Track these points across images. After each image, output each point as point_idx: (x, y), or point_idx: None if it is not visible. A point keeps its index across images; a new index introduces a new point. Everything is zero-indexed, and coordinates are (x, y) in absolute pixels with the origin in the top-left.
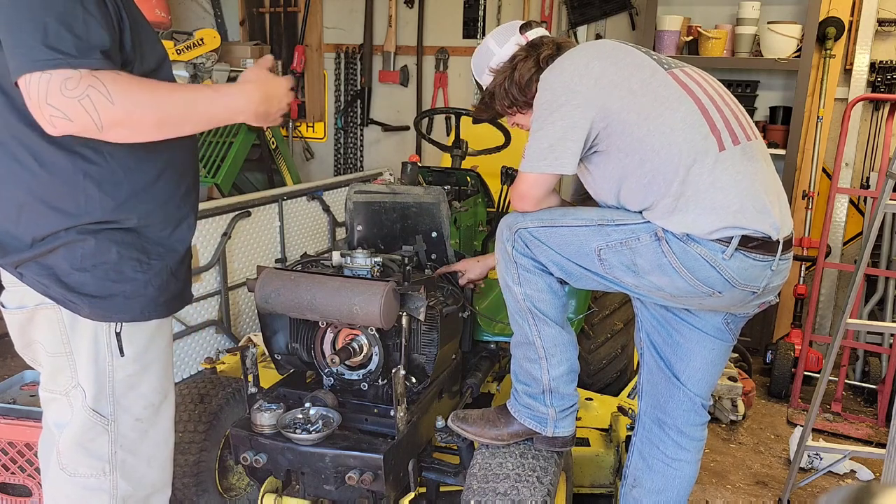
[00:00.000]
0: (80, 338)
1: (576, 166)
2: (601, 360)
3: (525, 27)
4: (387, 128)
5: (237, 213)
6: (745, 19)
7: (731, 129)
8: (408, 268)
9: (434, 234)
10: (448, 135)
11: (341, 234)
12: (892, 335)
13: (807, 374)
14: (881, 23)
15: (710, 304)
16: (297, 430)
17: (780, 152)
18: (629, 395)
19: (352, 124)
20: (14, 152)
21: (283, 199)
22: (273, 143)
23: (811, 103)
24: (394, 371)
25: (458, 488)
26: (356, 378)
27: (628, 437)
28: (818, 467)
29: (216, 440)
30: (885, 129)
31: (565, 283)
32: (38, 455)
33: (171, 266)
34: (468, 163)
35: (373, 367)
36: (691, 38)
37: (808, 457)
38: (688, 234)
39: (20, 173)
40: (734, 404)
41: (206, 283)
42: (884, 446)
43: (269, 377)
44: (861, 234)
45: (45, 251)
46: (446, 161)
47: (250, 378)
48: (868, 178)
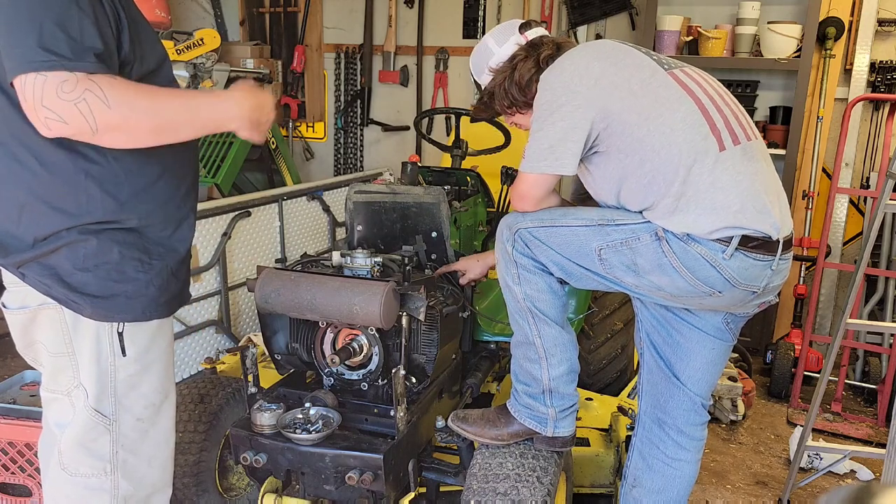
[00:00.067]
0: (83, 338)
1: (576, 167)
2: (601, 360)
3: (525, 26)
4: (387, 128)
5: (237, 213)
6: (745, 19)
7: (731, 129)
8: (408, 268)
9: (434, 234)
10: (448, 135)
11: (341, 234)
12: (892, 335)
13: (807, 374)
14: (881, 23)
15: (710, 303)
16: (297, 430)
17: (780, 152)
18: (629, 395)
19: (352, 124)
20: (15, 152)
21: (283, 199)
22: (273, 143)
23: (811, 103)
24: (394, 371)
25: (458, 488)
26: (356, 378)
27: (628, 437)
28: (818, 467)
29: (216, 440)
30: (885, 129)
31: (565, 283)
32: (38, 455)
33: (172, 266)
34: (468, 163)
35: (373, 367)
36: (691, 38)
37: (808, 457)
38: (688, 234)
39: (21, 173)
40: (734, 404)
41: (206, 283)
42: (884, 446)
43: (269, 377)
44: (861, 234)
45: (47, 251)
46: (446, 161)
47: (250, 378)
48: (868, 178)
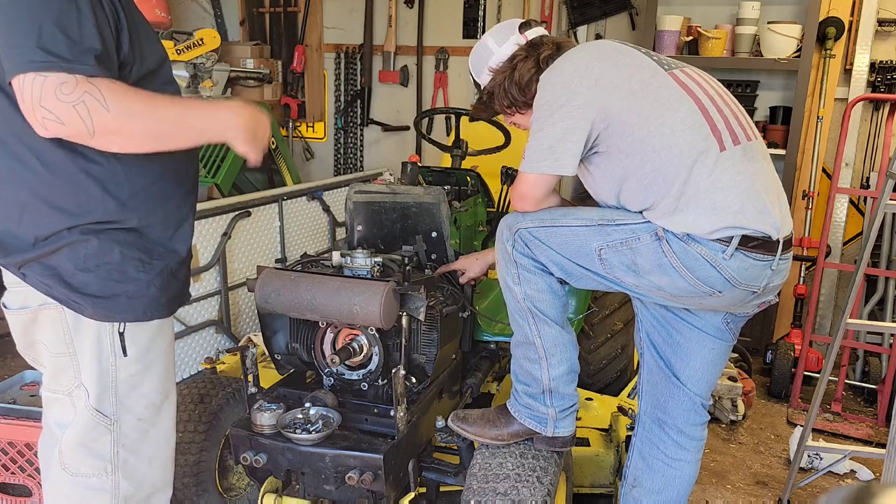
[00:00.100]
0: (84, 338)
1: (576, 167)
2: (601, 360)
3: (524, 26)
4: (387, 128)
5: (237, 213)
6: (745, 19)
7: (731, 129)
8: (408, 268)
9: (434, 234)
10: (448, 135)
11: (341, 234)
12: (892, 335)
13: (807, 374)
14: (881, 23)
15: (710, 303)
16: (297, 430)
17: (780, 152)
18: (629, 395)
19: (352, 124)
20: (16, 151)
21: (283, 199)
22: (273, 143)
23: (811, 103)
24: (394, 371)
25: (458, 488)
26: (356, 378)
27: (628, 437)
28: (818, 467)
29: (216, 440)
30: (885, 129)
31: (565, 283)
32: (38, 455)
33: (173, 266)
34: (468, 163)
35: (373, 367)
36: (691, 38)
37: (808, 457)
38: (688, 234)
39: (22, 173)
40: (734, 404)
41: (206, 283)
42: (884, 446)
43: (269, 377)
44: (861, 234)
45: (48, 251)
46: (446, 161)
47: (250, 378)
48: (868, 178)
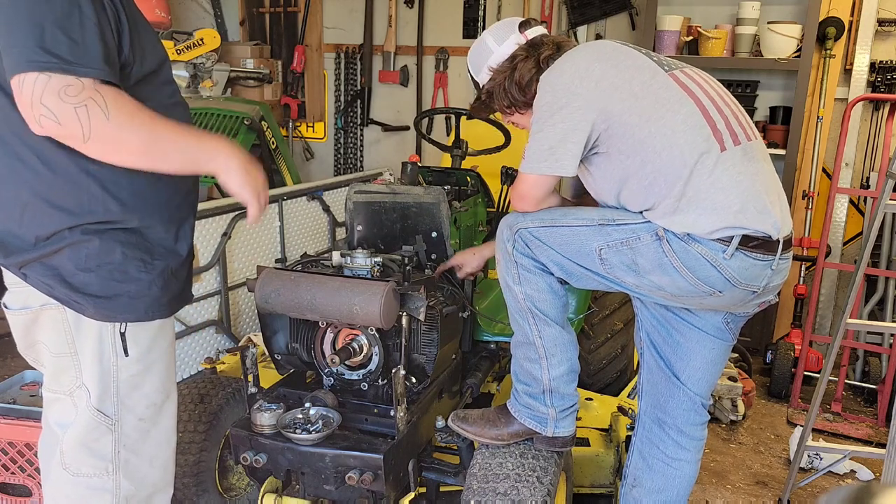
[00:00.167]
0: (85, 338)
1: (576, 168)
2: (601, 360)
3: (524, 25)
4: (387, 128)
5: (237, 213)
6: (745, 19)
7: (731, 129)
8: (408, 268)
9: (434, 234)
10: (448, 135)
11: (341, 234)
12: (892, 335)
13: (807, 374)
14: (881, 23)
15: (710, 303)
16: (297, 430)
17: (780, 152)
18: (629, 395)
19: (352, 124)
20: (17, 151)
21: (283, 199)
22: (273, 143)
23: (811, 103)
24: (394, 371)
25: (458, 488)
26: (356, 378)
27: (628, 437)
28: (818, 467)
29: (216, 440)
30: (885, 129)
31: (566, 282)
32: (38, 455)
33: (174, 266)
34: (468, 163)
35: (373, 367)
36: (691, 38)
37: (808, 457)
38: (689, 234)
39: (23, 172)
40: (734, 404)
41: (206, 283)
42: (884, 446)
43: (269, 377)
44: (861, 234)
45: (49, 252)
46: (446, 161)
47: (250, 378)
48: (868, 178)
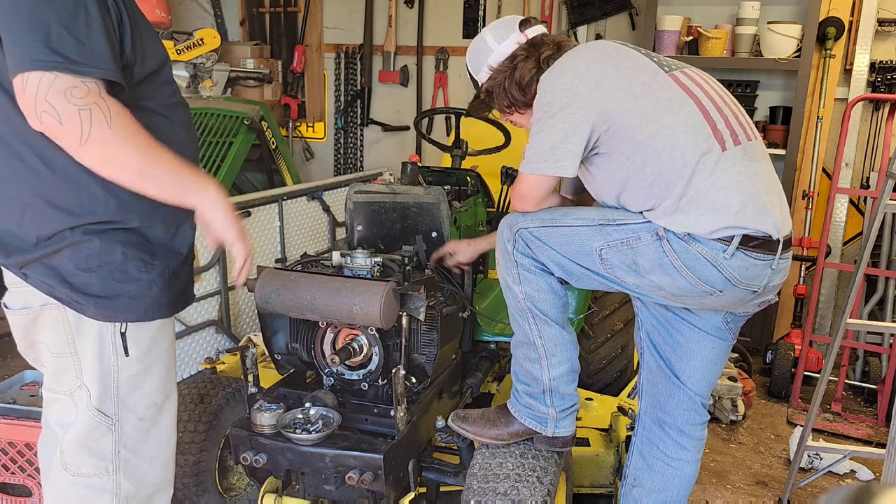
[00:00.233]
0: (86, 338)
1: (576, 169)
2: (601, 360)
3: (524, 24)
4: (387, 128)
5: (237, 213)
6: (745, 19)
7: (732, 129)
8: (408, 268)
9: (434, 234)
10: (448, 135)
11: (341, 234)
12: (892, 335)
13: (807, 374)
14: (881, 23)
15: (710, 303)
16: (297, 430)
17: (780, 152)
18: (629, 395)
19: (352, 124)
20: (18, 151)
21: (283, 199)
22: (273, 143)
23: (811, 103)
24: (394, 371)
25: (458, 488)
26: (356, 378)
27: (628, 437)
28: (818, 467)
29: (216, 440)
30: (885, 129)
31: (566, 282)
32: (38, 455)
33: (174, 266)
34: (468, 163)
35: (373, 367)
36: (691, 38)
37: (808, 457)
38: (689, 234)
39: (24, 173)
40: (734, 404)
41: (206, 283)
42: (884, 446)
43: (269, 377)
44: (861, 234)
45: (50, 252)
46: (446, 161)
47: (250, 378)
48: (868, 178)
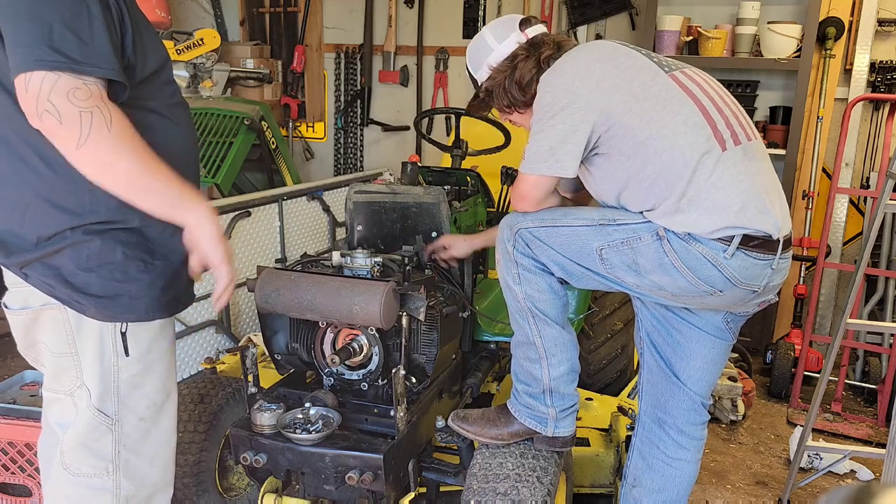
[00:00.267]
0: (86, 338)
1: (576, 169)
2: (601, 360)
3: (525, 23)
4: (387, 128)
5: (237, 213)
6: (745, 19)
7: (732, 129)
8: (408, 268)
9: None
10: (448, 135)
11: (341, 234)
12: (892, 335)
13: (807, 374)
14: (881, 23)
15: (711, 303)
16: (297, 430)
17: (780, 152)
18: (629, 395)
19: (352, 124)
20: (19, 151)
21: (283, 199)
22: (273, 143)
23: (811, 103)
24: (394, 371)
25: (458, 488)
26: (356, 378)
27: (628, 437)
28: (818, 467)
29: (216, 440)
30: (885, 129)
31: (566, 283)
32: (38, 455)
33: (175, 266)
34: (468, 163)
35: (373, 367)
36: (691, 38)
37: (808, 457)
38: (689, 234)
39: (25, 173)
40: (734, 404)
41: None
42: (884, 446)
43: (269, 377)
44: (861, 234)
45: (50, 252)
46: (446, 161)
47: (250, 378)
48: (868, 178)
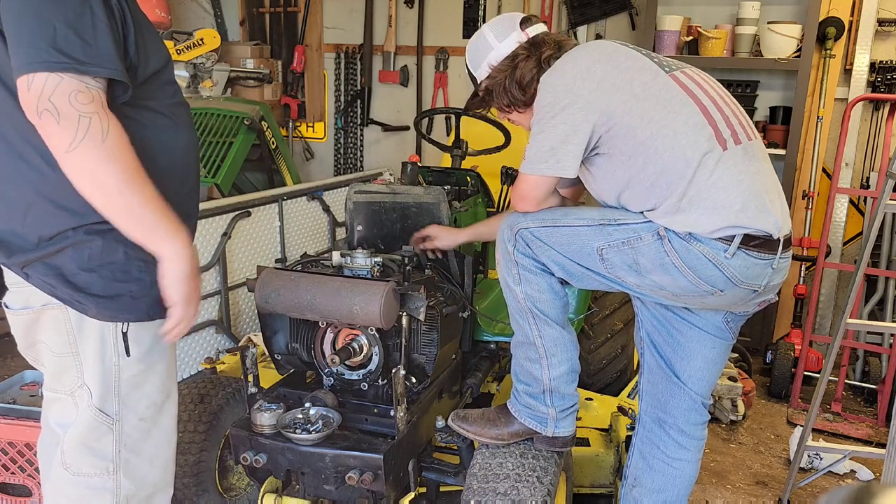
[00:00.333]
0: (87, 338)
1: (577, 169)
2: (601, 360)
3: (525, 22)
4: (387, 128)
5: (237, 213)
6: (745, 19)
7: (732, 129)
8: (408, 268)
9: None
10: (448, 135)
11: (341, 234)
12: (892, 335)
13: (807, 374)
14: (881, 23)
15: (711, 302)
16: (297, 430)
17: (780, 152)
18: (629, 395)
19: (352, 124)
20: (21, 151)
21: (283, 199)
22: (273, 143)
23: (811, 103)
24: (394, 371)
25: (458, 488)
26: (356, 378)
27: (628, 437)
28: (818, 467)
29: (216, 440)
30: (885, 129)
31: (566, 283)
32: (37, 455)
33: None
34: (468, 163)
35: (373, 367)
36: (691, 38)
37: (808, 457)
38: (690, 233)
39: (27, 172)
40: (734, 404)
41: (206, 283)
42: (884, 446)
43: (269, 377)
44: (861, 234)
45: (52, 251)
46: (446, 161)
47: (250, 378)
48: (868, 178)
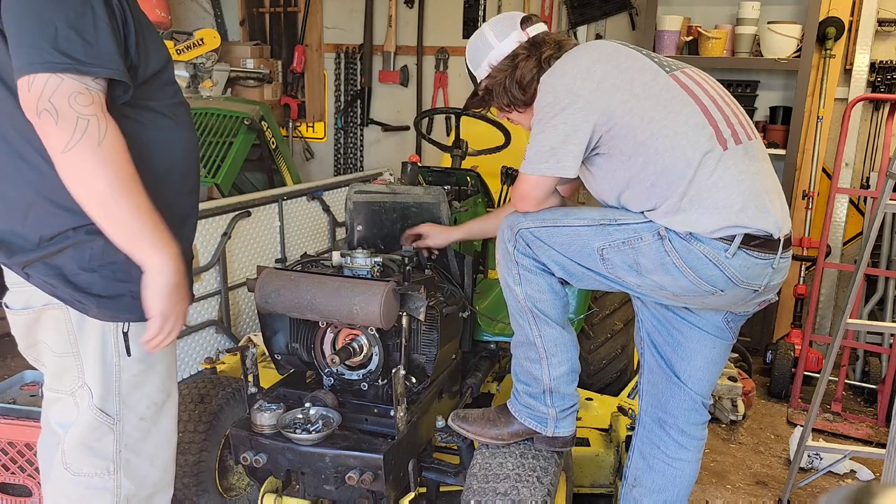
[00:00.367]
0: (88, 338)
1: (577, 169)
2: (601, 360)
3: (526, 21)
4: (387, 128)
5: (237, 213)
6: (745, 19)
7: (732, 128)
8: (408, 268)
9: None
10: (448, 135)
11: (341, 234)
12: (892, 335)
13: (807, 374)
14: (881, 23)
15: (711, 302)
16: (297, 430)
17: (780, 152)
18: (629, 395)
19: (352, 124)
20: (21, 151)
21: (283, 199)
22: (273, 143)
23: (811, 103)
24: (394, 371)
25: (458, 488)
26: (356, 378)
27: (628, 437)
28: (818, 467)
29: (216, 440)
30: (885, 129)
31: (566, 283)
32: (37, 455)
33: None
34: (468, 163)
35: (373, 367)
36: (691, 38)
37: (808, 457)
38: (691, 233)
39: (28, 172)
40: (734, 404)
41: (206, 283)
42: (884, 446)
43: (269, 377)
44: (861, 234)
45: (52, 251)
46: (446, 161)
47: (250, 378)
48: (868, 178)
